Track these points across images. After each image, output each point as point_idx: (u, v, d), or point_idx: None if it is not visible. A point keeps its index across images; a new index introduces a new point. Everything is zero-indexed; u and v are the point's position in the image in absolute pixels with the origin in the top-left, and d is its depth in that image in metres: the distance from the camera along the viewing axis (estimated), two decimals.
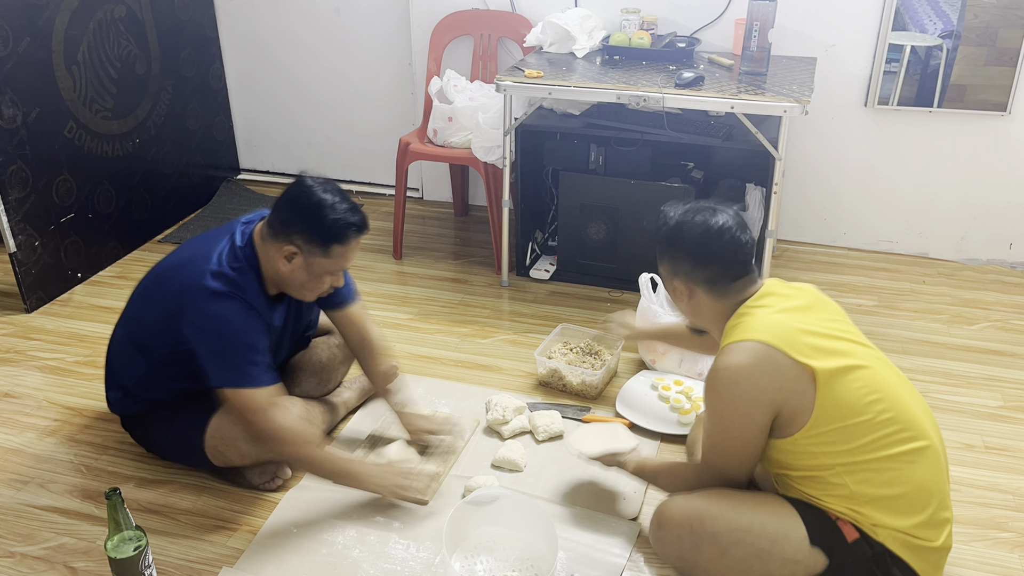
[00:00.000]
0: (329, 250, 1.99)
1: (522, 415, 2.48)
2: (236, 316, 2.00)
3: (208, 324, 1.99)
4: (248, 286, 2.03)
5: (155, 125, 3.65)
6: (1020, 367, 2.80)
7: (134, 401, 2.24)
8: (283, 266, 2.02)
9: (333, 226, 1.97)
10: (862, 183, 3.49)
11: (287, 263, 2.02)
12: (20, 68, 2.95)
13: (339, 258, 2.02)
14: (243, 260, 2.05)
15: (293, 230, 1.99)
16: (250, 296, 2.03)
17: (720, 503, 1.79)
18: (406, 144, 3.42)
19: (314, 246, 1.99)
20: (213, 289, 1.99)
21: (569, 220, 3.28)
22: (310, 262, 2.01)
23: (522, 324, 3.06)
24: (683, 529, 1.80)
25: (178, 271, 2.09)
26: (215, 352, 2.01)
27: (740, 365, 1.69)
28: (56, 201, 3.17)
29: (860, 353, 1.74)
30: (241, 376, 2.00)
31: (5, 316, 3.11)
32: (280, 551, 2.05)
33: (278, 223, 2.02)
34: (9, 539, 2.10)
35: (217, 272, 2.01)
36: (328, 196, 1.98)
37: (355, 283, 2.37)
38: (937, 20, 3.17)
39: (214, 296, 1.99)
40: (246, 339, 2.01)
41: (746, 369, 1.68)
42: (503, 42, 3.63)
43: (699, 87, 2.84)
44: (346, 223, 1.98)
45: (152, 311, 2.13)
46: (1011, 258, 3.46)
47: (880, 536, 1.69)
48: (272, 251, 2.03)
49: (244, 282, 2.03)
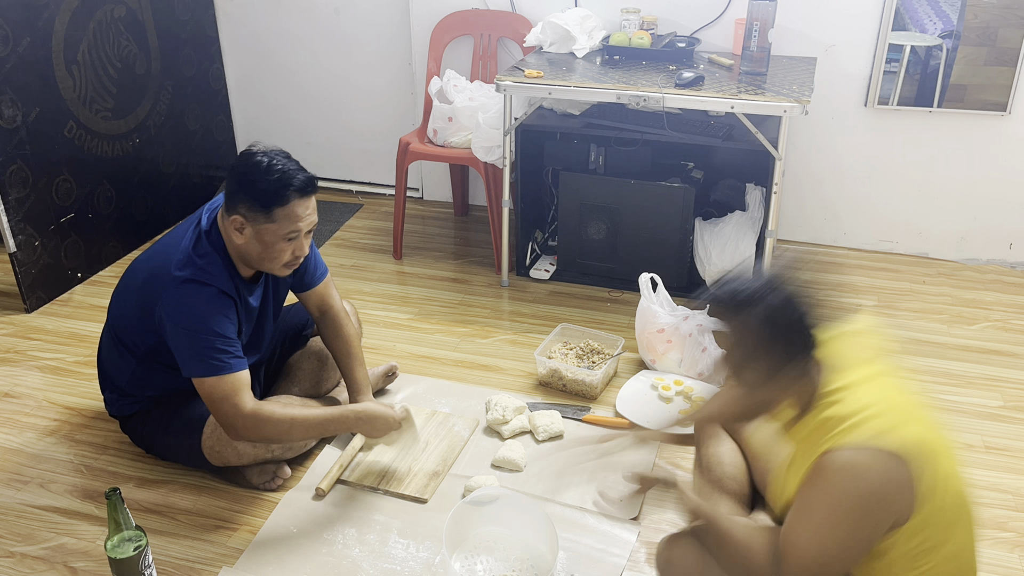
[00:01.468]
0: (271, 213, 1.95)
1: (522, 415, 2.48)
2: (203, 303, 1.98)
3: (176, 312, 1.98)
4: (215, 270, 2.02)
5: (155, 125, 3.65)
6: (1020, 367, 2.80)
7: (130, 401, 2.24)
8: (237, 239, 2.00)
9: (269, 188, 1.93)
10: (862, 183, 3.49)
11: (240, 235, 1.99)
12: (20, 68, 2.95)
13: (284, 221, 1.96)
14: (208, 245, 2.03)
15: (237, 200, 1.97)
16: (218, 281, 2.01)
17: None
18: (406, 144, 3.42)
19: (256, 212, 1.95)
20: (179, 277, 1.98)
21: (569, 220, 3.28)
22: (258, 230, 1.97)
23: (522, 324, 3.06)
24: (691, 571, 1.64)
25: (148, 263, 2.10)
26: (183, 340, 1.99)
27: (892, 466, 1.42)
28: (56, 201, 3.17)
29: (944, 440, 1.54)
30: (208, 365, 1.98)
31: (5, 316, 3.11)
32: (280, 551, 2.04)
33: (226, 197, 2.01)
34: (9, 539, 2.10)
35: (183, 261, 2.00)
36: (265, 159, 1.95)
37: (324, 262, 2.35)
38: (937, 20, 3.17)
39: (180, 284, 1.98)
40: (212, 326, 1.98)
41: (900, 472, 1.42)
42: (503, 42, 3.63)
43: (699, 87, 2.84)
44: (282, 183, 1.93)
45: (128, 307, 2.14)
46: (1011, 258, 3.46)
47: None
48: (228, 227, 2.01)
49: (210, 267, 2.01)
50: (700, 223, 3.17)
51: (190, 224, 2.10)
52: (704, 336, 2.66)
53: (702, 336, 2.66)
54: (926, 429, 1.49)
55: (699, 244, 3.15)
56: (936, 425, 1.54)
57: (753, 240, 3.05)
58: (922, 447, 1.46)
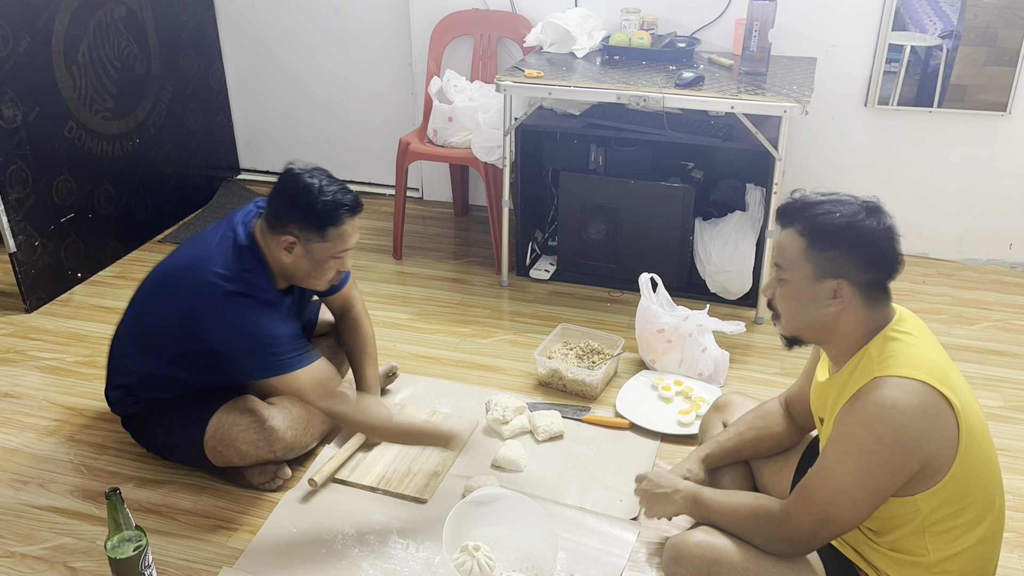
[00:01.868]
0: (325, 233, 2.00)
1: (522, 415, 2.48)
2: (257, 314, 2.01)
3: (232, 326, 2.00)
4: (262, 284, 2.05)
5: (155, 125, 3.65)
6: (1020, 367, 2.80)
7: (135, 400, 2.24)
8: (285, 258, 2.03)
9: (325, 209, 1.97)
10: (862, 183, 3.49)
11: (288, 254, 2.02)
12: (20, 68, 2.95)
13: (337, 240, 2.02)
14: (252, 259, 2.05)
15: (287, 220, 2.00)
16: (265, 294, 2.05)
17: (741, 549, 1.63)
18: (406, 144, 3.42)
19: (310, 232, 1.99)
20: (229, 290, 1.99)
21: (569, 220, 3.28)
22: (309, 249, 2.01)
23: (522, 324, 3.06)
24: (699, 571, 1.64)
25: (186, 272, 2.07)
26: (246, 351, 2.02)
27: (912, 407, 1.45)
28: (56, 201, 3.17)
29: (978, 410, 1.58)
30: (277, 366, 2.01)
31: (5, 316, 3.11)
32: (280, 551, 2.04)
33: (273, 216, 2.03)
34: (9, 539, 2.10)
35: (230, 275, 2.00)
36: (315, 181, 1.99)
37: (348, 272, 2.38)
38: (937, 20, 3.17)
39: (231, 297, 1.99)
40: (272, 330, 2.01)
41: (918, 413, 1.46)
42: (503, 42, 3.63)
43: (699, 87, 2.84)
44: (337, 204, 1.99)
45: (162, 313, 2.11)
46: (1011, 258, 3.46)
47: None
48: (272, 245, 2.04)
49: (258, 280, 2.04)
50: (700, 223, 3.17)
51: (224, 234, 2.09)
52: (704, 336, 2.66)
53: (702, 336, 2.66)
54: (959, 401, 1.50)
55: (699, 244, 3.15)
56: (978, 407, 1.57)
57: (753, 240, 3.05)
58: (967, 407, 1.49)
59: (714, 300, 3.12)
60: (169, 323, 2.09)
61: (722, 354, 2.68)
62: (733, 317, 2.89)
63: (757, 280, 3.06)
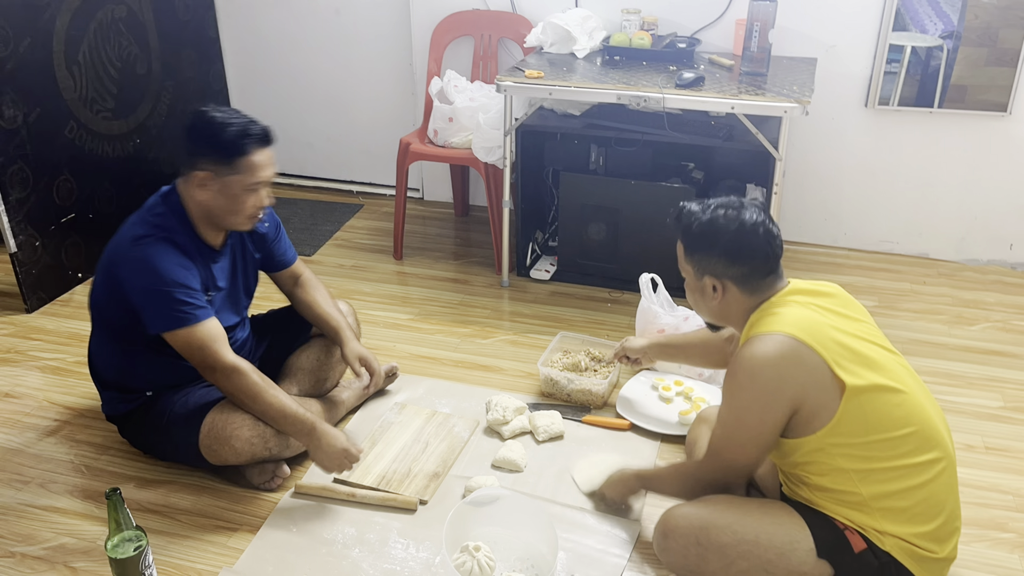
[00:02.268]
0: (235, 164, 2.02)
1: (522, 415, 2.48)
2: (161, 254, 2.04)
3: (133, 269, 2.04)
4: (170, 226, 2.08)
5: (155, 125, 3.65)
6: (1020, 367, 2.80)
7: (125, 398, 2.25)
8: (201, 195, 2.07)
9: (232, 139, 2.01)
10: (862, 183, 3.49)
11: (204, 191, 2.06)
12: (21, 68, 2.95)
13: (247, 171, 2.04)
14: (164, 206, 2.11)
15: (198, 156, 2.04)
16: (174, 235, 2.08)
17: (727, 513, 1.77)
18: (406, 144, 3.42)
19: (221, 165, 2.02)
20: (136, 235, 2.06)
21: (569, 220, 3.28)
22: (223, 182, 2.04)
23: (522, 324, 3.06)
24: (689, 540, 1.77)
25: (112, 242, 2.15)
26: (148, 295, 2.04)
27: (766, 355, 1.65)
28: (56, 201, 3.17)
29: (891, 366, 1.71)
30: (174, 318, 2.03)
31: (5, 316, 3.11)
32: (280, 551, 2.04)
33: (186, 156, 2.07)
34: (9, 539, 2.10)
35: (137, 222, 2.09)
36: (220, 115, 2.03)
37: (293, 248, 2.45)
38: (937, 20, 3.17)
39: (138, 241, 2.05)
40: (174, 276, 2.03)
41: (772, 359, 1.65)
42: (503, 42, 3.63)
43: (699, 87, 2.84)
44: (244, 133, 2.02)
45: (100, 286, 2.18)
46: (1012, 258, 3.46)
47: (887, 545, 1.68)
48: (190, 187, 2.07)
49: (164, 221, 2.08)
50: None
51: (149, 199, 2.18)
52: None
53: None
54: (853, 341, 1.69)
55: None
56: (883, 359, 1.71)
57: None
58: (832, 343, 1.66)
59: None
60: (103, 295, 2.16)
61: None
62: None
63: None
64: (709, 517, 1.77)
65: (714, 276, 1.78)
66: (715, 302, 1.80)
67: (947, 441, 1.73)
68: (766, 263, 1.76)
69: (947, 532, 1.72)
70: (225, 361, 2.06)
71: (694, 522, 1.78)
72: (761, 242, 1.74)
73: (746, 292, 1.77)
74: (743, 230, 1.74)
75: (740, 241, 1.74)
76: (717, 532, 1.74)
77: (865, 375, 1.66)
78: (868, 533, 1.69)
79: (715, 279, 1.78)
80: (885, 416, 1.66)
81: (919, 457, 1.67)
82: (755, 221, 1.74)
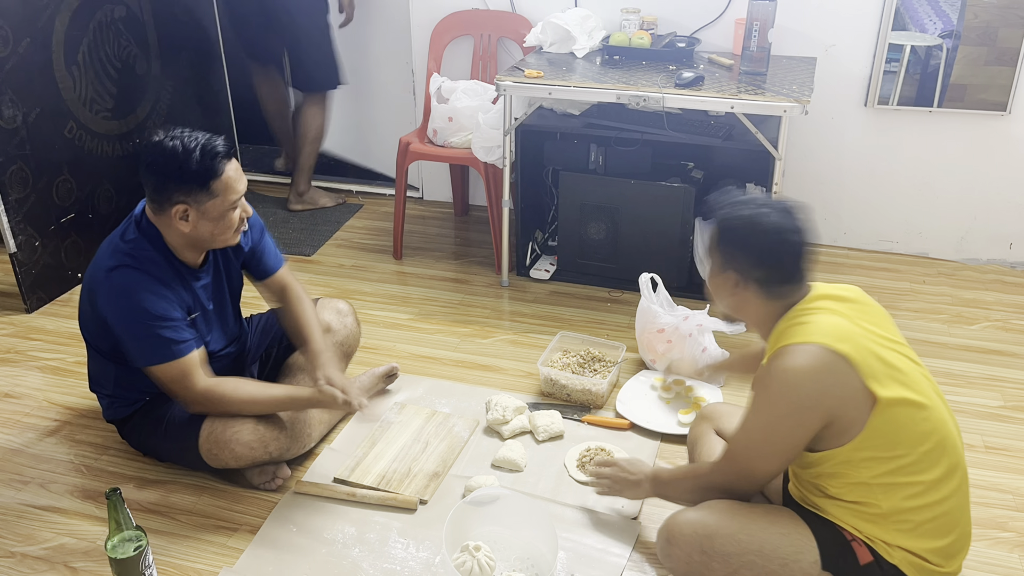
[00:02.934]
0: (210, 188, 1.97)
1: (522, 415, 2.48)
2: (133, 285, 2.01)
3: (110, 302, 2.04)
4: (142, 252, 2.04)
5: (155, 125, 3.64)
6: (1020, 367, 2.80)
7: (121, 403, 2.25)
8: (184, 227, 2.02)
9: (200, 166, 1.95)
10: (862, 183, 3.49)
11: (185, 223, 2.01)
12: (20, 68, 2.95)
13: (225, 190, 1.99)
14: (136, 233, 2.06)
15: (169, 191, 1.98)
16: (146, 264, 2.04)
17: (732, 520, 1.73)
18: (406, 144, 3.42)
19: (196, 193, 1.97)
20: (110, 266, 2.03)
21: (569, 220, 3.28)
22: (203, 210, 1.99)
23: (522, 324, 3.06)
24: (693, 547, 1.74)
25: (89, 271, 2.14)
26: (125, 330, 2.04)
27: (803, 368, 1.59)
28: (56, 201, 3.17)
29: (916, 378, 1.68)
30: (153, 353, 2.03)
31: (5, 316, 3.11)
32: (280, 551, 2.05)
33: (154, 192, 2.01)
34: (9, 539, 2.10)
35: (109, 252, 2.06)
36: (178, 142, 1.95)
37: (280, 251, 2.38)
38: (937, 20, 3.17)
39: (109, 273, 2.03)
40: (148, 307, 2.01)
41: (810, 373, 1.59)
42: (503, 42, 3.63)
43: (699, 87, 2.84)
44: (210, 155, 1.96)
45: (85, 311, 2.18)
46: (1011, 258, 3.46)
47: (895, 559, 1.65)
48: (166, 221, 2.03)
49: (137, 251, 2.04)
50: (700, 223, 3.15)
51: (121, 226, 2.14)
52: (704, 336, 2.66)
53: (702, 336, 2.66)
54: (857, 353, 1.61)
55: (699, 244, 3.14)
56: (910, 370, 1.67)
57: None
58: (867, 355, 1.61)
59: None
60: (89, 319, 2.15)
61: (722, 354, 2.68)
62: None
63: None
64: (714, 525, 1.73)
65: (738, 273, 1.72)
66: (734, 297, 1.76)
67: (964, 456, 1.71)
68: (794, 273, 1.70)
69: (958, 548, 1.70)
70: (197, 390, 2.06)
71: (699, 530, 1.74)
72: (796, 253, 1.69)
73: (768, 295, 1.72)
74: (782, 238, 1.68)
75: (776, 248, 1.68)
76: (722, 541, 1.71)
77: (895, 388, 1.62)
78: (876, 545, 1.66)
79: (738, 275, 1.72)
80: (912, 431, 1.63)
81: (940, 473, 1.64)
82: (797, 230, 1.68)
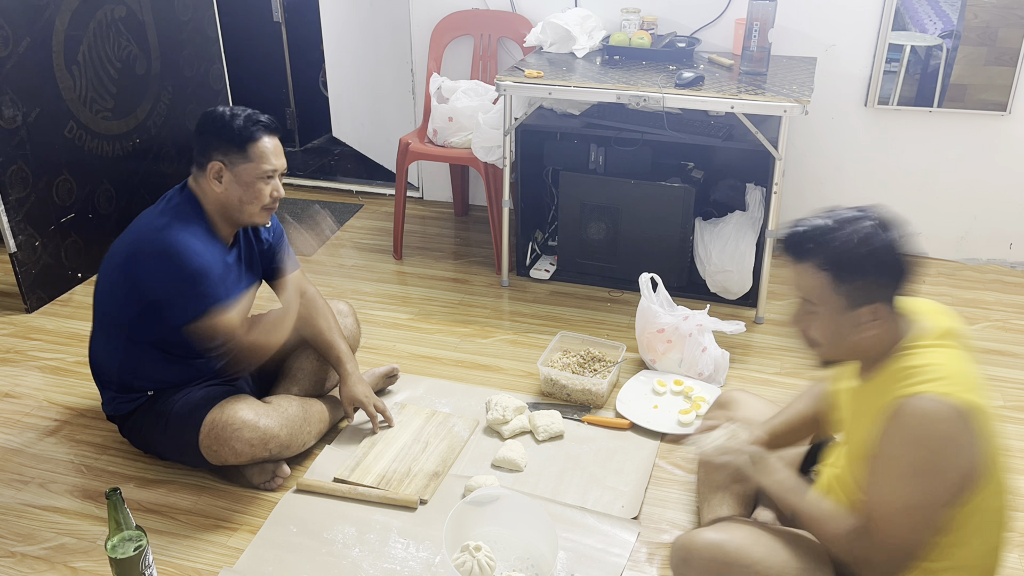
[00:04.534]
0: (246, 152, 2.10)
1: (522, 415, 2.48)
2: (185, 241, 2.08)
3: (165, 258, 2.07)
4: (188, 218, 2.13)
5: (155, 125, 3.65)
6: (1020, 367, 2.80)
7: (126, 398, 2.25)
8: (216, 187, 2.13)
9: (240, 128, 2.10)
10: (862, 183, 3.49)
11: (219, 183, 2.12)
12: (20, 68, 2.95)
13: (259, 158, 2.11)
14: (179, 202, 2.15)
15: (210, 149, 2.11)
16: (191, 226, 2.12)
17: (753, 550, 1.63)
18: (406, 144, 3.42)
19: (232, 155, 2.10)
20: (159, 224, 2.10)
21: (569, 220, 3.28)
22: (236, 172, 2.11)
23: (522, 324, 3.06)
24: (709, 572, 1.64)
25: (125, 239, 2.18)
26: (177, 287, 2.07)
27: (961, 421, 1.43)
28: (56, 201, 3.17)
29: None
30: (200, 310, 2.08)
31: (5, 316, 3.11)
32: (280, 551, 2.05)
33: (199, 153, 2.14)
34: (9, 539, 2.10)
35: (157, 214, 2.14)
36: (228, 109, 2.13)
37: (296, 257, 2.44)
38: (937, 20, 3.17)
39: (161, 231, 2.09)
40: (199, 263, 2.08)
41: (967, 428, 1.44)
42: (503, 42, 3.63)
43: (699, 87, 2.84)
44: (252, 121, 2.11)
45: (113, 283, 2.19)
46: (1011, 258, 3.46)
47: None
48: (204, 182, 2.14)
49: (184, 215, 2.13)
50: (700, 223, 3.17)
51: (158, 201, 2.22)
52: (704, 336, 2.66)
53: (702, 336, 2.66)
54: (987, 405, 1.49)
55: (699, 244, 3.15)
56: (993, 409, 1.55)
57: (753, 240, 3.06)
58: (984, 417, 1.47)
59: (714, 300, 3.12)
60: (116, 287, 2.17)
61: (722, 354, 2.68)
62: (733, 317, 2.89)
63: (757, 280, 3.06)
64: (734, 553, 1.63)
65: (873, 303, 1.50)
66: (872, 332, 1.53)
67: None
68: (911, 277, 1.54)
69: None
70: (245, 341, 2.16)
71: (717, 555, 1.64)
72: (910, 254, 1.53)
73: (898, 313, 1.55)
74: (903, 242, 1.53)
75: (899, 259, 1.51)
76: (740, 571, 1.62)
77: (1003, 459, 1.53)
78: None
79: (874, 306, 1.50)
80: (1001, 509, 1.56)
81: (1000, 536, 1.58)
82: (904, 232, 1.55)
